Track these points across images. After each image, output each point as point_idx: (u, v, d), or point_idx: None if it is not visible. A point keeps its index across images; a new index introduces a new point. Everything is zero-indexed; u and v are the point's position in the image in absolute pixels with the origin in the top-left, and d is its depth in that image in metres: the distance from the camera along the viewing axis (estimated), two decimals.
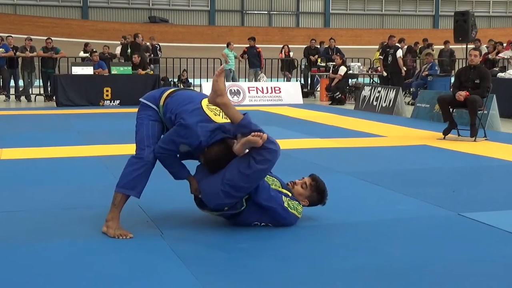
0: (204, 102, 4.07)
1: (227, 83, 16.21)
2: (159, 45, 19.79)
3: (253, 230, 4.13)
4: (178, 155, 4.15)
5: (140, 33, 20.70)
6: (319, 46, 20.03)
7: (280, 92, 16.17)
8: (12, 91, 16.89)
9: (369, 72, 18.88)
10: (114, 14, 34.04)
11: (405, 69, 16.47)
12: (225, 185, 3.88)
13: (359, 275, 3.32)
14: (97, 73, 15.06)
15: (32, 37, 18.06)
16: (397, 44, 16.63)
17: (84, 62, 16.34)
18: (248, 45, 18.44)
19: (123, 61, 17.27)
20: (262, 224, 4.15)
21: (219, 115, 4.03)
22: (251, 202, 4.05)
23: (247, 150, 3.88)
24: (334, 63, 16.84)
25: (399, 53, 16.20)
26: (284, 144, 5.94)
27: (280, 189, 4.19)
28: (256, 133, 3.77)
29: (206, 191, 4.00)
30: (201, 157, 4.10)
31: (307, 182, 4.31)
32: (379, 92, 13.61)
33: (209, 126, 3.94)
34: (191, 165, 4.25)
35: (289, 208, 4.13)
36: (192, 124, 3.90)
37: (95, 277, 3.27)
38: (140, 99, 4.27)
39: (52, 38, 17.55)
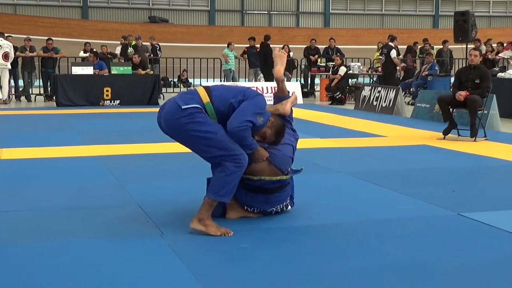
0: None
1: (227, 83, 16.21)
2: (158, 45, 19.78)
3: (253, 230, 4.13)
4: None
5: (140, 33, 20.72)
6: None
7: None
8: (12, 91, 16.88)
9: (369, 72, 18.88)
10: (114, 14, 34.00)
11: (399, 68, 16.44)
12: (295, 146, 4.54)
13: (359, 275, 3.32)
14: (97, 73, 15.06)
15: (32, 37, 18.05)
16: (390, 44, 16.67)
17: (84, 62, 16.33)
18: (248, 45, 18.44)
19: (123, 61, 17.27)
20: (285, 204, 4.49)
21: None
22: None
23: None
24: (333, 63, 16.86)
25: (393, 53, 16.23)
26: None
27: None
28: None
29: (282, 150, 4.37)
30: (263, 129, 4.25)
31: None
32: (379, 92, 13.61)
33: None
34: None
35: None
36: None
37: (95, 277, 3.27)
38: (183, 107, 3.99)
39: (52, 38, 17.54)
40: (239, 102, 4.08)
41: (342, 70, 16.10)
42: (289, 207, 4.53)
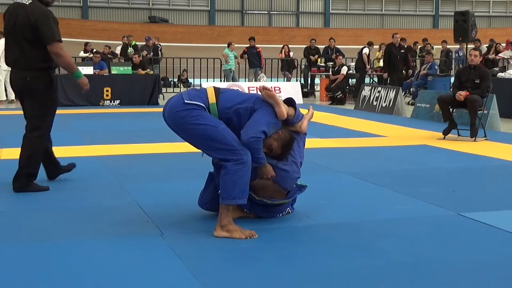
0: None
1: (227, 83, 16.20)
2: (160, 45, 19.78)
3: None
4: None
5: (140, 33, 20.71)
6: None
7: (280, 92, 16.14)
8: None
9: (369, 72, 18.87)
10: (114, 14, 34.02)
11: (368, 66, 17.58)
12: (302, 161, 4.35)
13: (359, 275, 3.32)
14: (97, 73, 15.07)
15: None
16: (366, 45, 17.79)
17: (84, 62, 16.33)
18: (248, 45, 18.43)
19: (123, 61, 17.27)
20: (286, 211, 4.46)
21: None
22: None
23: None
24: (333, 63, 16.88)
25: (366, 50, 17.38)
26: None
27: None
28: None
29: (290, 172, 4.21)
30: (269, 141, 4.12)
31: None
32: (379, 92, 13.62)
33: None
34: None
35: None
36: None
37: (95, 277, 3.26)
38: (186, 101, 3.99)
39: None
40: (246, 109, 4.03)
41: (344, 70, 16.13)
42: (290, 212, 4.49)
